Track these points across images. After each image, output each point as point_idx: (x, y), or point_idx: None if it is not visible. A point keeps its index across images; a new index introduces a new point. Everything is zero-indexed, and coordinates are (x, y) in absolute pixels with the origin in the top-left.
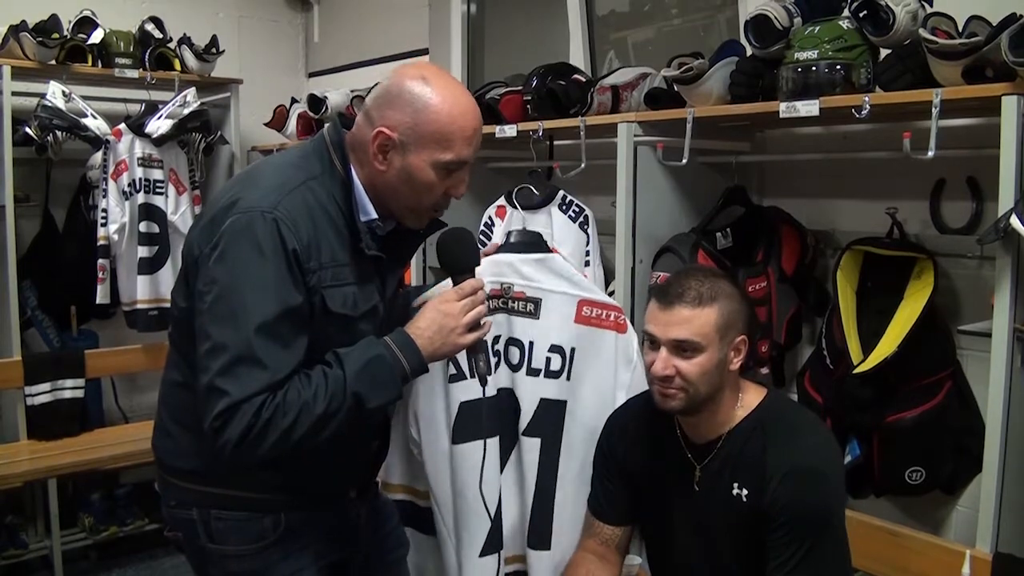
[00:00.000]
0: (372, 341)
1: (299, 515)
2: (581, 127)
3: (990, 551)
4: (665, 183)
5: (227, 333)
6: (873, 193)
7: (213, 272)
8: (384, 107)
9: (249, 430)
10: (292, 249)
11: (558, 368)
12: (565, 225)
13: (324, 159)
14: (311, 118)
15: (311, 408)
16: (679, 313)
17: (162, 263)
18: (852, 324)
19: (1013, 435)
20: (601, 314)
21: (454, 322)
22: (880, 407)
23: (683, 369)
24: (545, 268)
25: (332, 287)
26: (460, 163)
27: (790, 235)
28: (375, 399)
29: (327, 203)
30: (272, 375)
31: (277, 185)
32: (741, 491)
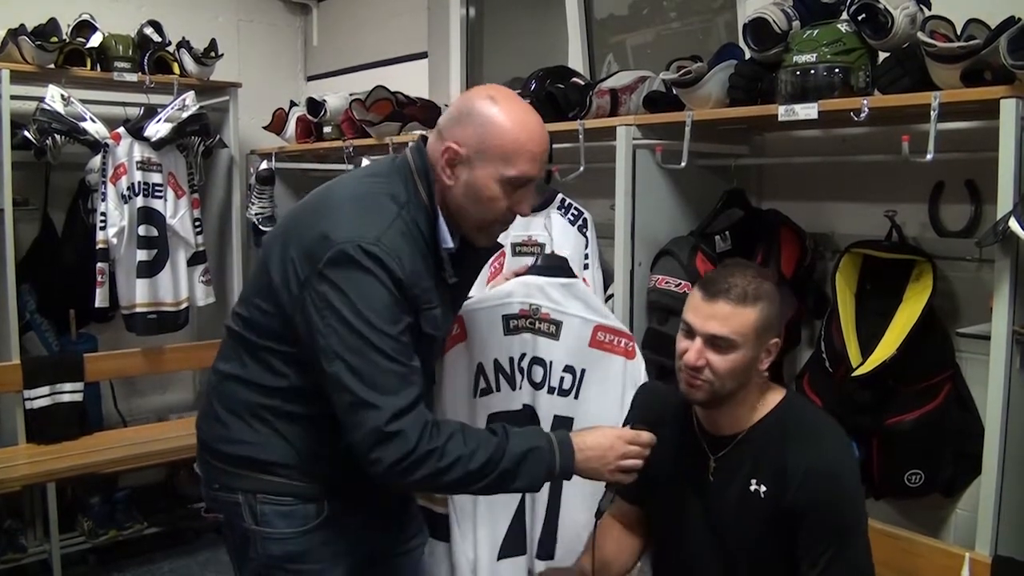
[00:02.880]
0: (540, 432)
1: (342, 504)
2: (580, 130)
3: (989, 554)
4: (664, 186)
5: (362, 353)
6: (872, 196)
7: (330, 298)
8: (454, 125)
9: (406, 457)
10: (398, 278)
11: (568, 387)
12: (564, 228)
13: (409, 186)
14: (310, 121)
15: (466, 463)
16: (721, 308)
17: (161, 266)
18: (851, 327)
19: (1012, 438)
20: (614, 340)
21: (613, 458)
22: (879, 410)
23: (714, 363)
24: (569, 293)
25: (426, 310)
26: (525, 180)
27: (789, 238)
28: (519, 483)
29: (414, 231)
30: (412, 385)
31: (374, 216)
32: (759, 487)
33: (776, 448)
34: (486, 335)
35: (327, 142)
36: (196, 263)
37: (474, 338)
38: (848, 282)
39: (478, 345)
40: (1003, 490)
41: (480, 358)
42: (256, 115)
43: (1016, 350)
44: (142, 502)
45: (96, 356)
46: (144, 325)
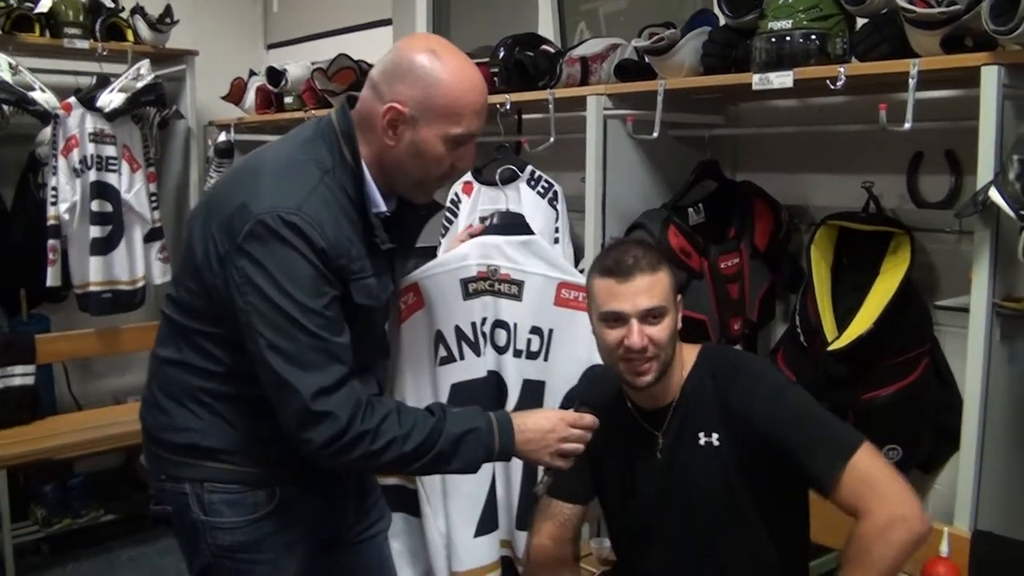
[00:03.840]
0: (479, 412)
1: (293, 489)
2: (550, 100)
3: (969, 529)
4: (636, 158)
5: (284, 331)
6: (849, 167)
7: (249, 273)
8: (394, 81)
9: (337, 438)
10: (321, 248)
11: (537, 349)
12: (534, 201)
13: (334, 149)
14: (270, 91)
15: (400, 445)
16: (641, 282)
17: (116, 243)
18: (826, 301)
19: (991, 411)
20: (579, 296)
21: (554, 440)
22: (855, 385)
23: (655, 336)
24: (528, 251)
25: (356, 280)
26: (469, 136)
27: (764, 210)
28: (455, 465)
29: (341, 196)
30: (339, 362)
31: (295, 184)
32: (710, 438)
33: (711, 396)
34: (444, 301)
35: (288, 113)
36: (153, 240)
37: (432, 305)
38: (824, 255)
39: (436, 312)
40: (982, 464)
41: (439, 325)
42: (214, 85)
43: (996, 322)
44: (98, 489)
45: (48, 337)
46: (99, 305)
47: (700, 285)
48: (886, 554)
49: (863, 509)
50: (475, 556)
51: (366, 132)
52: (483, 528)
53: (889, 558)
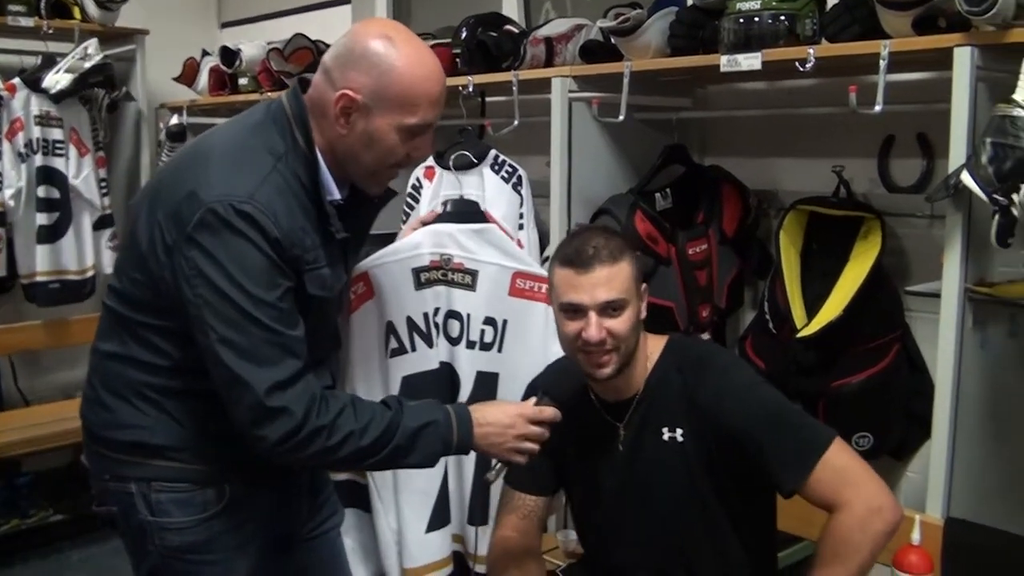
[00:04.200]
0: (436, 405)
1: (244, 487)
2: (513, 82)
3: (941, 516)
4: (601, 141)
5: (236, 324)
6: (819, 151)
7: (199, 264)
8: (347, 68)
9: (292, 434)
10: (274, 238)
11: (491, 340)
12: (498, 186)
13: (286, 134)
14: (224, 72)
15: (357, 439)
16: (601, 273)
17: (63, 231)
18: (796, 287)
19: (963, 398)
20: (533, 286)
21: (513, 437)
22: (825, 372)
23: (615, 329)
24: (482, 239)
25: (310, 271)
26: (425, 126)
27: (732, 195)
28: (413, 458)
29: (294, 184)
30: (294, 356)
31: (247, 171)
32: (674, 433)
33: (677, 390)
34: (395, 291)
35: (243, 95)
36: (102, 227)
37: (382, 295)
38: (793, 240)
39: (387, 302)
40: (955, 451)
41: (390, 316)
42: (166, 65)
43: (967, 308)
44: (47, 487)
45: None
46: (46, 295)
47: (667, 272)
48: (864, 545)
49: (840, 502)
50: (427, 552)
51: (318, 118)
52: (435, 523)
53: (867, 549)
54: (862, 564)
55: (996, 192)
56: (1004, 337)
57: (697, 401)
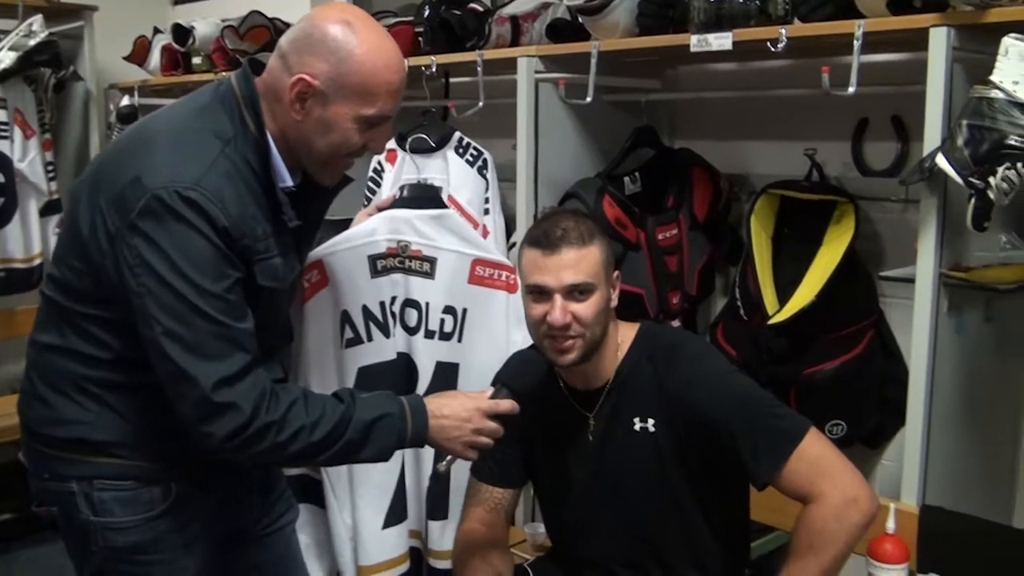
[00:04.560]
0: (390, 397)
1: (192, 484)
2: (478, 62)
3: (917, 504)
4: (569, 124)
5: (181, 316)
6: (791, 133)
7: (143, 253)
8: (304, 52)
9: (241, 430)
10: (223, 227)
11: (450, 330)
12: (462, 170)
13: (235, 117)
14: (176, 51)
15: (308, 435)
16: (568, 256)
17: (9, 217)
18: (767, 273)
19: (938, 384)
20: (493, 274)
21: (469, 431)
22: (797, 359)
23: (580, 313)
24: (441, 226)
25: (261, 260)
26: (383, 117)
27: (702, 179)
28: (367, 453)
29: (244, 169)
30: (242, 350)
31: (193, 155)
32: (645, 423)
33: (648, 379)
34: (351, 279)
35: (196, 74)
36: (50, 213)
37: (337, 283)
38: (764, 225)
39: (342, 291)
40: (930, 438)
41: (345, 305)
42: (115, 43)
43: (942, 293)
44: None
45: None
46: None
47: (637, 257)
48: (840, 536)
49: (815, 493)
50: (383, 548)
51: (271, 103)
52: (392, 519)
53: (842, 541)
54: (837, 556)
55: (972, 175)
56: (980, 322)
57: (669, 391)
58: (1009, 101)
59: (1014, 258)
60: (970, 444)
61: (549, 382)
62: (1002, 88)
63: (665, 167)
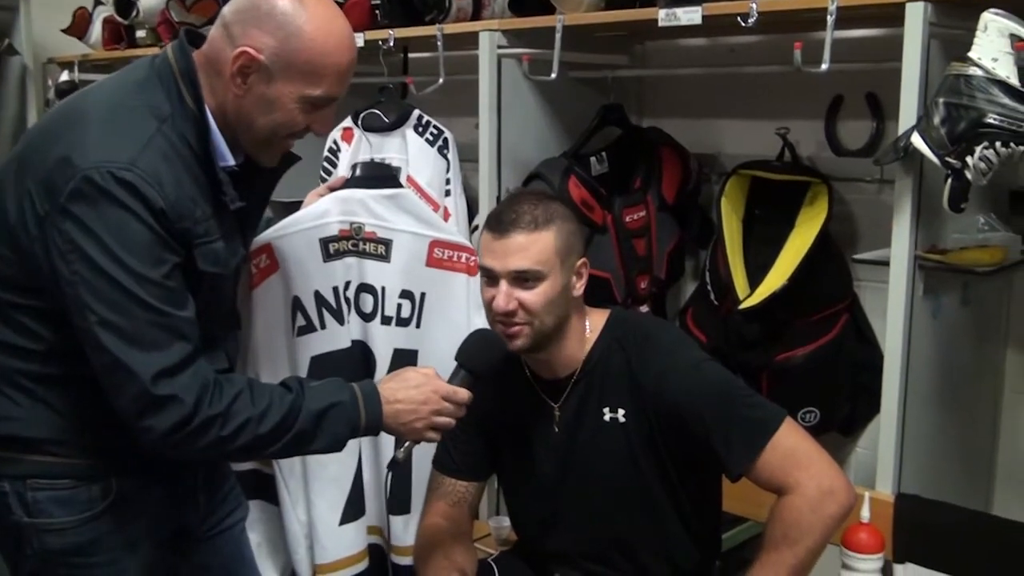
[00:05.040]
0: (341, 384)
1: (133, 481)
2: (438, 37)
3: (892, 493)
4: (533, 101)
5: (118, 304)
6: (763, 112)
7: (75, 238)
8: (249, 24)
9: (183, 424)
10: (160, 209)
11: (408, 315)
12: (422, 150)
13: (172, 93)
14: (119, 24)
15: (255, 427)
16: (516, 240)
17: None
18: (738, 256)
19: (914, 369)
20: (453, 256)
21: (427, 413)
22: (769, 345)
23: (526, 301)
24: (396, 206)
25: (202, 244)
26: (329, 99)
27: (671, 159)
28: (319, 444)
29: (182, 148)
30: (183, 339)
31: (127, 134)
32: (616, 413)
33: (619, 368)
34: (301, 263)
35: (140, 49)
36: None
37: (287, 268)
38: (735, 207)
39: (293, 276)
40: (905, 425)
41: (296, 291)
42: (53, 15)
43: (918, 276)
44: None
45: None
46: None
47: (604, 240)
48: (815, 528)
49: (790, 484)
50: (340, 546)
51: (211, 77)
52: (349, 515)
53: (818, 532)
54: (812, 548)
55: (948, 155)
56: (957, 306)
57: (641, 381)
58: (987, 78)
59: (992, 240)
60: (947, 431)
61: (513, 369)
62: (980, 65)
63: (633, 147)
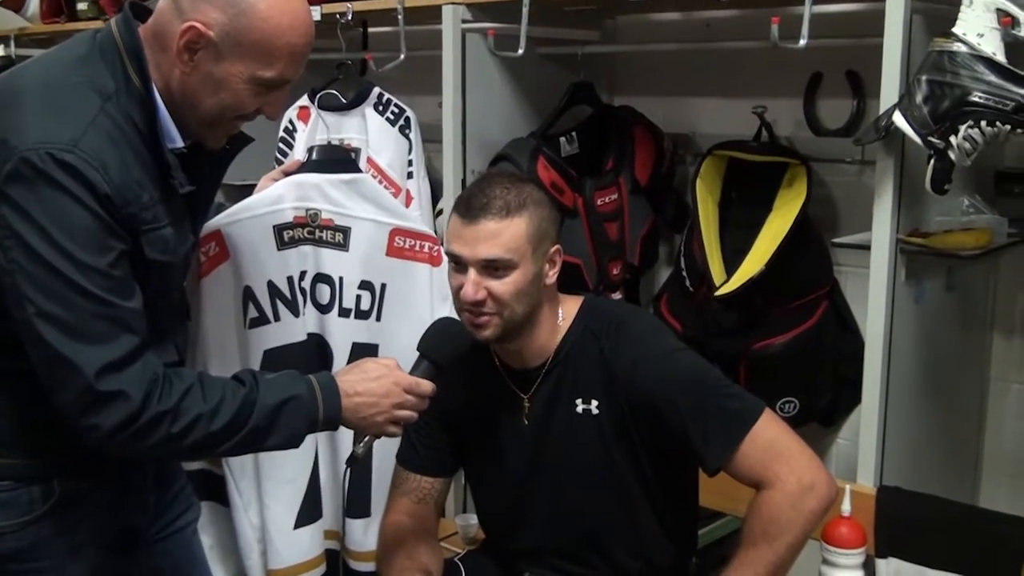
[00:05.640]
0: (297, 377)
1: (77, 482)
2: (399, 10)
3: (873, 485)
4: (500, 79)
5: (59, 295)
6: (739, 90)
7: (12, 224)
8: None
9: (130, 422)
10: (104, 194)
11: (368, 307)
12: (382, 130)
13: (117, 70)
14: None
15: (207, 423)
16: (486, 227)
17: None
18: (714, 240)
19: (896, 357)
20: (415, 245)
21: (388, 406)
22: (746, 333)
23: (496, 291)
24: (354, 191)
25: (149, 231)
26: (282, 82)
27: (644, 139)
28: (274, 440)
29: (127, 129)
30: (129, 331)
31: (68, 113)
32: (589, 405)
33: (592, 358)
34: (254, 252)
35: (82, 22)
36: None
37: (239, 257)
38: (710, 189)
39: (245, 265)
40: (887, 415)
41: (248, 281)
42: None
43: (900, 260)
44: None
45: None
46: None
47: (574, 224)
48: (795, 523)
49: (769, 478)
50: (295, 550)
51: (157, 52)
52: (305, 518)
53: (798, 527)
54: (792, 544)
55: (931, 134)
56: (940, 291)
57: (615, 370)
58: (972, 55)
59: (977, 222)
60: (931, 421)
61: (480, 359)
62: (965, 41)
63: (604, 126)
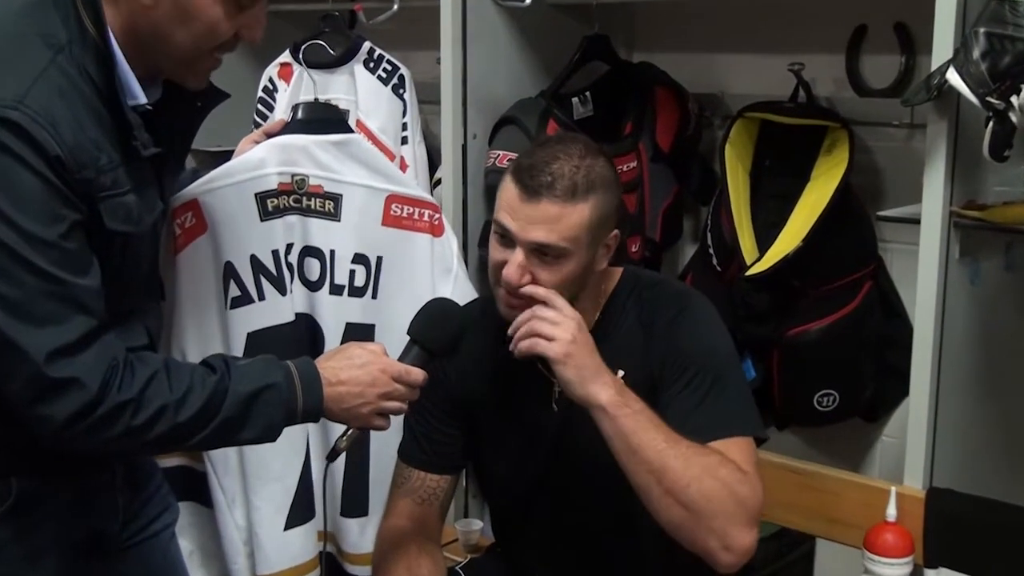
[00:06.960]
0: (273, 363)
1: (36, 481)
2: None
3: (922, 487)
4: (505, 32)
5: (3, 270)
6: (773, 45)
7: None
8: None
9: (86, 412)
10: (55, 156)
11: (362, 283)
12: (374, 89)
13: (69, 17)
14: None
15: (173, 415)
16: (546, 209)
17: None
18: (745, 214)
19: (948, 345)
20: (413, 213)
21: (375, 397)
22: (780, 317)
23: (542, 279)
24: (345, 154)
25: (108, 198)
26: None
27: (667, 100)
28: (249, 433)
29: (83, 84)
30: (84, 311)
31: (13, 67)
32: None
33: (630, 326)
34: (234, 223)
35: None
36: None
37: (217, 228)
38: (741, 156)
39: (224, 238)
40: (938, 410)
41: (228, 256)
42: None
43: (953, 236)
44: None
45: None
46: None
47: None
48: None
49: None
50: (286, 554)
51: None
52: (296, 518)
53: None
54: (689, 476)
55: (990, 94)
56: (998, 271)
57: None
58: None
59: None
60: (987, 415)
61: (499, 341)
62: None
63: (622, 86)
